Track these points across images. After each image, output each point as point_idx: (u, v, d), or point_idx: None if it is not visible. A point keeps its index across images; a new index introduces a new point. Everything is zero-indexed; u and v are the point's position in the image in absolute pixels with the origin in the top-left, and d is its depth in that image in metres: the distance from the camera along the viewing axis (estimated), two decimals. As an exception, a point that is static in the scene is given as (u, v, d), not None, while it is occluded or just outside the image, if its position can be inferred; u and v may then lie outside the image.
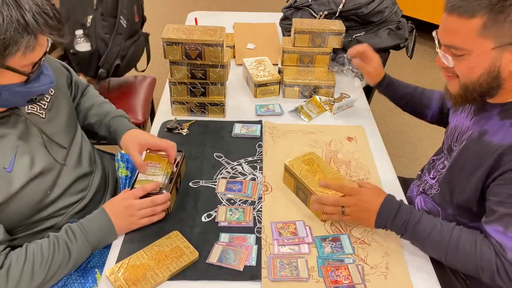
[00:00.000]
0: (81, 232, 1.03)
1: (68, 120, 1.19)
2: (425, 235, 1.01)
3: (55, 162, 1.10)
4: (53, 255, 0.98)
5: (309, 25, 1.66)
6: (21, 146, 1.03)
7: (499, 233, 0.94)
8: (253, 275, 1.01)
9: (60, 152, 1.13)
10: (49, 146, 1.09)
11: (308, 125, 1.53)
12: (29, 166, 1.03)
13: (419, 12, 3.49)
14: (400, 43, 1.82)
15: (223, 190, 1.24)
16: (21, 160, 1.02)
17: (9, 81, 0.91)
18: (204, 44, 1.39)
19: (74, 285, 1.12)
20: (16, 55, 0.88)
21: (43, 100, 1.12)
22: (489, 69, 0.94)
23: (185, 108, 1.55)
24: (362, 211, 1.07)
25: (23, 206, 1.03)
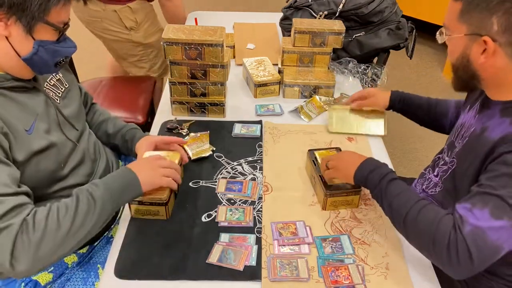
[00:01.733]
0: (103, 182, 1.02)
1: (78, 111, 1.24)
2: (395, 193, 1.01)
3: (67, 140, 1.14)
4: (77, 203, 0.95)
5: (309, 25, 1.66)
6: (40, 115, 1.07)
7: (465, 209, 0.90)
8: (253, 275, 1.01)
9: (73, 132, 1.18)
10: (63, 125, 1.14)
11: (309, 125, 1.53)
12: (46, 134, 1.07)
13: (419, 12, 3.49)
14: (400, 43, 1.82)
15: (223, 190, 1.24)
16: (39, 126, 1.06)
17: (45, 37, 0.99)
18: (204, 44, 1.39)
19: (78, 280, 1.14)
20: (57, 8, 0.96)
21: (58, 88, 1.17)
22: (462, 55, 1.00)
23: (185, 108, 1.55)
24: (343, 162, 1.14)
25: (40, 171, 1.05)
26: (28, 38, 0.97)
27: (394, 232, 1.13)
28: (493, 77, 0.99)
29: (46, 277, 1.13)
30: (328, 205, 1.17)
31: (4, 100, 1.00)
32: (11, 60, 0.98)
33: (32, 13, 0.93)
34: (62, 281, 1.13)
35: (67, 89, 1.21)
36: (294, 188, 1.26)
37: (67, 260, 1.16)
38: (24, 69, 1.02)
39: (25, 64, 1.00)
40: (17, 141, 0.98)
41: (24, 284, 1.12)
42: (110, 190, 1.00)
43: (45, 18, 0.95)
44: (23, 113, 1.03)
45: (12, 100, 1.01)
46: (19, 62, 0.99)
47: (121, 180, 1.04)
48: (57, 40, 1.01)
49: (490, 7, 0.91)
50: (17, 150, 0.98)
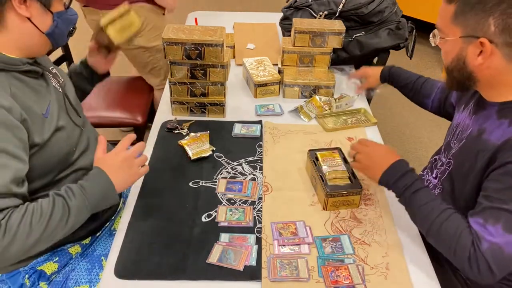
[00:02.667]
0: (80, 190, 1.00)
1: (76, 102, 1.27)
2: (418, 205, 1.03)
3: (74, 125, 1.18)
4: (52, 211, 0.95)
5: (309, 25, 1.66)
6: (53, 100, 1.11)
7: (478, 225, 0.94)
8: (253, 275, 1.01)
9: (77, 118, 1.22)
10: (69, 110, 1.18)
11: (309, 125, 1.53)
12: (59, 116, 1.11)
13: (419, 12, 3.49)
14: (400, 43, 1.82)
15: (223, 190, 1.24)
16: (53, 110, 1.10)
17: (59, 8, 1.06)
18: (204, 44, 1.39)
19: (82, 270, 1.16)
20: None
21: (57, 78, 1.20)
22: (457, 57, 0.99)
23: (185, 108, 1.55)
24: (372, 162, 1.13)
25: (55, 155, 1.09)
26: (47, 13, 1.03)
27: (394, 232, 1.13)
28: (489, 78, 0.99)
29: (51, 267, 1.15)
30: (329, 205, 1.17)
31: (22, 85, 1.03)
32: (32, 38, 1.04)
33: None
34: (67, 271, 1.16)
35: (63, 82, 1.23)
36: (294, 188, 1.26)
37: (71, 251, 1.19)
38: (43, 45, 1.08)
39: (45, 40, 1.06)
40: (35, 125, 1.01)
41: (28, 276, 1.13)
42: (86, 201, 1.00)
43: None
44: (38, 97, 1.06)
45: (28, 85, 1.05)
46: (40, 39, 1.05)
47: (98, 189, 1.03)
48: (66, 9, 1.08)
49: (486, 8, 0.91)
50: (35, 133, 1.01)
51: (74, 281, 1.15)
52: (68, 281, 1.15)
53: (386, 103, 3.06)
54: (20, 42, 1.02)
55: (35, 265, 1.15)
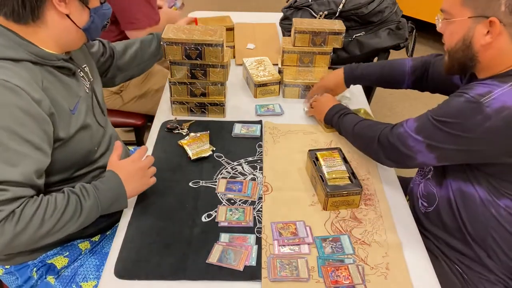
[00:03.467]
0: (94, 192, 1.05)
1: (102, 100, 1.29)
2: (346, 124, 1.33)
3: (98, 125, 1.21)
4: (65, 207, 0.99)
5: (309, 25, 1.66)
6: (81, 98, 1.13)
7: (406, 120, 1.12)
8: (253, 275, 1.01)
9: (102, 118, 1.25)
10: (95, 109, 1.20)
11: (309, 125, 1.53)
12: (86, 115, 1.14)
13: (419, 12, 3.49)
14: (400, 43, 1.82)
15: (223, 190, 1.24)
16: (81, 107, 1.12)
17: (95, 4, 1.08)
18: (204, 44, 1.39)
19: (90, 266, 1.19)
20: None
21: (87, 79, 1.22)
22: (464, 37, 1.02)
23: (185, 108, 1.55)
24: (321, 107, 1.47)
25: (78, 151, 1.12)
26: (85, 9, 1.06)
27: (394, 232, 1.13)
28: (490, 59, 1.02)
29: (62, 261, 1.18)
30: (329, 205, 1.17)
31: (54, 79, 1.05)
32: (70, 34, 1.06)
33: None
34: (76, 267, 1.18)
35: (92, 82, 1.24)
36: (294, 188, 1.26)
37: (81, 246, 1.21)
38: (80, 39, 1.10)
39: (82, 34, 1.09)
40: (62, 120, 1.03)
41: (36, 269, 1.14)
42: (98, 203, 1.04)
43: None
44: (68, 93, 1.08)
45: (60, 80, 1.07)
46: (77, 34, 1.07)
47: (111, 194, 1.07)
48: (101, 3, 1.10)
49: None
50: (61, 128, 1.04)
51: (82, 276, 1.16)
52: (76, 276, 1.16)
53: (386, 103, 3.06)
54: (58, 37, 1.04)
55: (45, 259, 1.16)
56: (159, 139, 1.44)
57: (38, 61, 1.01)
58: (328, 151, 1.28)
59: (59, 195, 1.01)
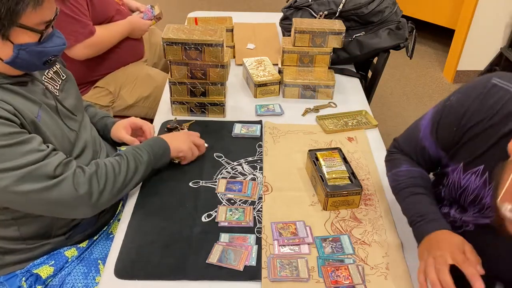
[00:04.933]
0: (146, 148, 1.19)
1: (76, 101, 1.25)
2: None
3: (70, 130, 1.16)
4: (127, 161, 1.13)
5: (309, 25, 1.66)
6: (43, 106, 1.08)
7: None
8: (253, 275, 1.01)
9: (73, 122, 1.19)
10: (64, 116, 1.16)
11: (309, 125, 1.53)
12: (50, 123, 1.09)
13: (419, 12, 3.49)
14: (400, 43, 1.82)
15: (223, 190, 1.24)
16: (44, 115, 1.08)
17: (24, 40, 0.97)
18: (204, 44, 1.39)
19: (78, 274, 1.15)
20: (27, 11, 0.93)
21: (56, 81, 1.18)
22: None
23: (185, 108, 1.55)
24: None
25: None
26: (6, 43, 0.95)
27: (394, 232, 1.13)
28: None
29: (47, 270, 1.14)
30: (329, 205, 1.17)
31: (10, 93, 1.01)
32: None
33: (2, 19, 0.91)
34: (63, 275, 1.15)
35: (64, 80, 1.22)
36: (294, 188, 1.26)
37: (67, 254, 1.17)
38: (12, 70, 1.01)
39: (9, 67, 0.99)
40: (30, 126, 1.01)
41: (25, 279, 1.13)
42: (152, 153, 1.19)
43: (17, 22, 0.93)
44: (28, 102, 1.04)
45: (15, 93, 1.03)
46: (4, 65, 0.99)
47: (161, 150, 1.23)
48: (39, 41, 0.99)
49: None
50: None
51: (70, 285, 1.14)
52: (64, 285, 1.14)
53: (386, 103, 3.06)
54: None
55: (31, 268, 1.14)
56: (159, 139, 1.44)
57: None
58: (328, 151, 1.28)
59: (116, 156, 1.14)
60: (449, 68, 3.37)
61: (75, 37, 1.70)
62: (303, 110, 1.60)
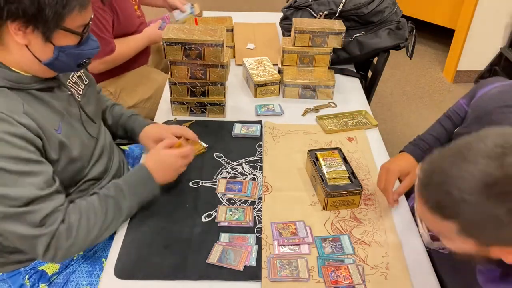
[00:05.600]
0: (129, 189, 1.10)
1: (97, 106, 1.26)
2: None
3: (90, 137, 1.17)
4: (106, 212, 1.05)
5: (309, 25, 1.66)
6: (65, 116, 1.09)
7: None
8: (253, 275, 1.01)
9: (93, 128, 1.21)
10: (85, 122, 1.17)
11: (309, 125, 1.53)
12: (71, 134, 1.09)
13: (419, 12, 3.49)
14: (400, 43, 1.82)
15: (223, 190, 1.24)
16: (65, 126, 1.08)
17: (65, 42, 0.99)
18: (204, 44, 1.39)
19: (83, 272, 1.16)
20: (72, 14, 0.95)
21: (79, 86, 1.19)
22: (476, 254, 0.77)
23: (185, 108, 1.55)
24: None
25: (67, 171, 1.08)
26: (47, 45, 0.97)
27: (394, 232, 1.13)
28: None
29: (53, 267, 1.16)
30: (329, 205, 1.17)
31: (35, 102, 1.02)
32: (32, 64, 1.00)
33: (47, 22, 0.93)
34: (68, 273, 1.16)
35: (87, 85, 1.22)
36: (294, 188, 1.26)
37: None
38: (48, 71, 1.03)
39: (46, 68, 1.01)
40: (49, 141, 1.01)
41: (28, 276, 1.14)
42: (136, 200, 1.11)
43: (61, 25, 0.95)
44: (51, 113, 1.05)
45: (40, 100, 1.03)
46: (41, 66, 1.00)
47: (147, 191, 1.14)
48: (78, 44, 1.01)
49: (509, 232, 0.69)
50: (50, 149, 1.02)
51: (74, 283, 1.15)
52: (68, 283, 1.15)
53: (386, 103, 3.06)
54: (22, 64, 0.99)
55: (36, 265, 1.15)
56: (159, 139, 1.44)
57: (14, 87, 0.98)
58: (328, 151, 1.28)
59: (95, 200, 1.06)
60: (449, 68, 3.37)
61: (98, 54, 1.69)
62: (303, 110, 1.60)
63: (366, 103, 1.69)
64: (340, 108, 1.63)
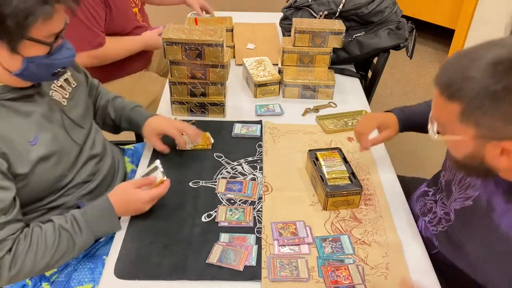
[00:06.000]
0: (86, 225, 1.05)
1: (85, 109, 1.24)
2: None
3: (74, 143, 1.15)
4: (57, 246, 1.01)
5: (309, 25, 1.66)
6: (45, 124, 1.07)
7: None
8: (253, 275, 1.01)
9: (79, 133, 1.18)
10: (69, 128, 1.14)
11: (309, 125, 1.53)
12: (51, 142, 1.07)
13: (419, 12, 3.49)
14: (400, 43, 1.82)
15: (223, 190, 1.24)
16: (44, 135, 1.05)
17: (33, 53, 0.96)
18: (204, 44, 1.39)
19: (85, 270, 1.16)
20: (37, 24, 0.91)
21: (65, 89, 1.17)
22: (472, 155, 0.83)
23: (185, 108, 1.55)
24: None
25: (43, 181, 1.07)
26: (15, 56, 0.94)
27: (394, 232, 1.13)
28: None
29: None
30: (329, 205, 1.17)
31: (7, 112, 0.99)
32: (4, 75, 0.98)
33: (10, 33, 0.90)
34: (69, 272, 1.16)
35: (74, 88, 1.21)
36: (294, 188, 1.26)
37: None
38: (20, 81, 1.00)
39: (17, 78, 0.99)
40: (17, 157, 0.99)
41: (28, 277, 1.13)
42: (91, 234, 1.07)
43: (27, 35, 0.92)
44: (26, 124, 1.02)
45: (14, 111, 1.01)
46: (12, 77, 0.98)
47: (104, 226, 1.09)
48: (48, 53, 0.98)
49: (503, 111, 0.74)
50: (18, 165, 0.99)
51: (77, 280, 1.15)
52: (70, 280, 1.15)
53: (386, 103, 3.06)
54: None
55: None
56: (159, 139, 1.44)
57: None
58: (328, 151, 1.28)
59: (48, 230, 1.02)
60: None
61: (82, 44, 1.67)
62: (303, 110, 1.60)
63: (366, 103, 1.69)
64: (340, 108, 1.63)
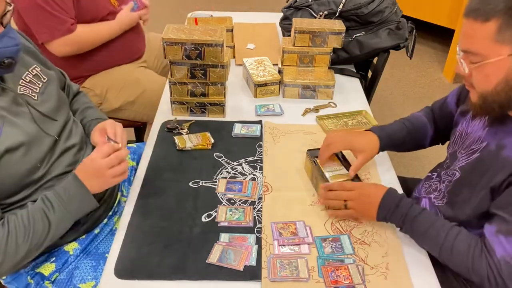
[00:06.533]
0: (58, 200, 1.04)
1: (59, 103, 1.21)
2: (422, 230, 1.03)
3: (46, 135, 1.12)
4: (33, 226, 1.00)
5: (309, 25, 1.66)
6: (9, 117, 1.05)
7: (491, 233, 0.94)
8: (253, 275, 1.01)
9: (52, 125, 1.16)
10: (40, 121, 1.12)
11: (309, 125, 1.53)
12: (17, 135, 1.05)
13: (419, 12, 3.49)
14: (400, 43, 1.82)
15: (223, 190, 1.24)
16: (8, 128, 1.04)
17: None
18: (204, 44, 1.39)
19: (87, 267, 1.16)
20: None
21: (35, 84, 1.16)
22: (506, 78, 0.88)
23: (185, 108, 1.55)
24: (364, 204, 1.10)
25: (11, 175, 1.04)
26: None
27: (394, 232, 1.13)
28: None
29: (49, 268, 1.16)
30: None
31: None
32: None
33: None
34: (70, 270, 1.16)
35: (46, 83, 1.19)
36: (294, 188, 1.26)
37: (67, 248, 1.18)
38: None
39: None
40: None
41: (30, 277, 1.14)
42: (65, 210, 1.04)
43: None
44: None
45: None
46: None
47: (76, 199, 1.06)
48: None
49: None
50: None
51: (79, 278, 1.15)
52: (72, 278, 1.15)
53: (386, 103, 3.06)
54: None
55: (35, 267, 1.16)
56: (159, 139, 1.44)
57: None
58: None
59: (23, 214, 1.01)
60: (449, 68, 3.37)
61: (51, 32, 1.68)
62: (303, 110, 1.60)
63: (366, 103, 1.69)
64: (340, 108, 1.63)
